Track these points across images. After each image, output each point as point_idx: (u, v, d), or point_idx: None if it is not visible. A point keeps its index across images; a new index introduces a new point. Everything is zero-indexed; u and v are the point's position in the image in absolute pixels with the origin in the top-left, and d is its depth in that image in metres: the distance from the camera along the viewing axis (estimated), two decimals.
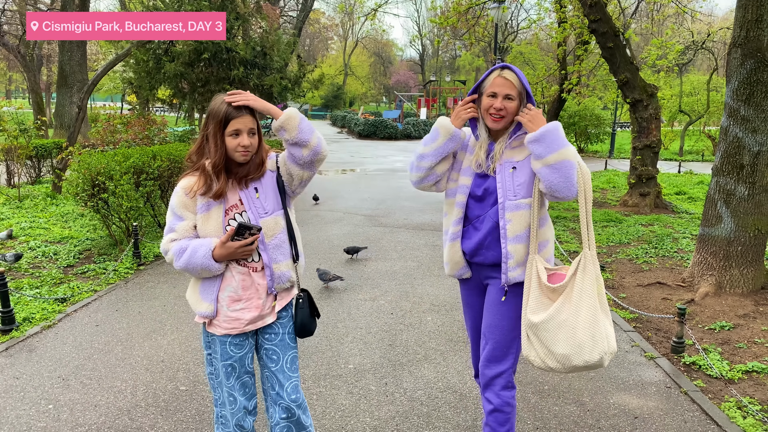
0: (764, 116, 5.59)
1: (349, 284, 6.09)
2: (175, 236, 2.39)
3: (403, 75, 72.99)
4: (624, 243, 8.24)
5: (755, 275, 5.75)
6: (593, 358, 2.34)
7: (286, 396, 2.47)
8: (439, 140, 2.62)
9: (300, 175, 2.43)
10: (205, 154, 2.38)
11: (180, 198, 2.39)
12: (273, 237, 2.43)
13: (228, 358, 2.44)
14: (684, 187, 14.97)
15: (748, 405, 3.71)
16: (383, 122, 31.25)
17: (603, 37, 10.89)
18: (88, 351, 4.37)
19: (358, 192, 12.68)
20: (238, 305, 2.39)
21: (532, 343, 2.47)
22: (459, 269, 2.76)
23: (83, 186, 6.98)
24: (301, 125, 2.34)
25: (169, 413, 3.49)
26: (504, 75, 2.53)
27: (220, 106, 2.31)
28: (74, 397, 3.66)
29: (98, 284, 5.97)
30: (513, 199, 2.53)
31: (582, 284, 2.39)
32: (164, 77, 13.20)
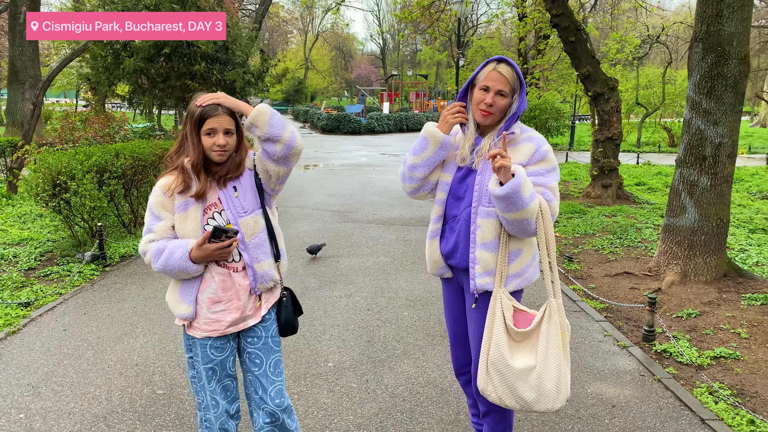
0: (725, 109, 5.75)
1: (323, 281, 6.05)
2: (153, 237, 2.33)
3: (364, 69, 72.84)
4: (589, 234, 8.40)
5: (718, 263, 5.92)
6: (555, 407, 2.39)
7: (270, 401, 2.44)
8: (429, 149, 2.54)
9: (276, 171, 2.39)
10: (184, 153, 2.32)
11: (158, 197, 2.33)
12: (253, 236, 2.38)
13: (209, 361, 2.39)
14: (643, 178, 15.33)
15: (719, 390, 3.82)
16: (347, 117, 31.13)
17: (565, 32, 11.05)
18: (57, 357, 4.24)
19: (324, 188, 12.60)
20: (218, 307, 2.35)
21: (492, 379, 2.42)
22: (439, 269, 2.71)
23: (43, 186, 6.75)
24: (272, 120, 2.30)
25: (148, 418, 3.41)
26: (499, 69, 2.43)
27: (195, 106, 2.28)
28: (46, 405, 3.55)
29: (63, 287, 5.80)
30: (486, 206, 2.46)
31: (547, 334, 2.40)
32: (123, 73, 12.83)
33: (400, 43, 68.71)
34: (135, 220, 8.31)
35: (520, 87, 2.47)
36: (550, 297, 2.44)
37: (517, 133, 2.52)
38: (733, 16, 5.65)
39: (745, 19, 5.72)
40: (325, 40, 70.69)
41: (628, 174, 15.73)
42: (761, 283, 5.84)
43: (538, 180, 2.45)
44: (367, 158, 19.34)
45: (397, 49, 72.64)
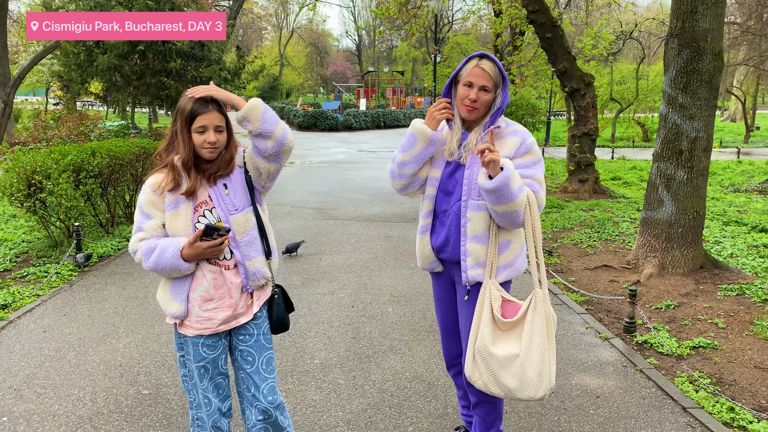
0: (700, 104, 5.86)
1: (306, 279, 6.04)
2: (144, 235, 2.30)
3: (340, 65, 72.64)
4: (567, 228, 8.50)
5: (694, 255, 6.04)
6: (537, 395, 2.43)
7: (263, 398, 2.43)
8: (418, 146, 2.57)
9: (267, 168, 2.38)
10: (174, 151, 2.30)
11: (148, 196, 2.31)
12: (244, 234, 2.37)
13: (201, 359, 2.38)
14: (618, 172, 15.58)
15: (699, 379, 3.90)
16: (323, 113, 31.03)
17: (541, 28, 11.15)
18: (38, 359, 4.17)
19: (303, 185, 12.55)
20: (210, 305, 2.33)
21: (478, 366, 2.48)
22: (430, 263, 2.74)
23: (18, 186, 6.61)
24: (265, 116, 2.28)
25: (134, 419, 3.38)
26: (482, 65, 2.47)
27: (186, 102, 2.25)
28: (29, 408, 3.49)
29: (40, 288, 5.70)
30: (476, 200, 2.50)
31: (532, 323, 2.44)
32: (97, 70, 12.65)
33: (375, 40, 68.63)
34: (112, 219, 8.19)
35: (503, 81, 2.51)
36: (536, 287, 2.48)
37: (503, 126, 2.58)
38: (708, 13, 5.76)
39: (719, 16, 5.84)
40: (300, 37, 70.33)
41: (604, 169, 15.96)
42: (736, 274, 5.97)
43: (525, 172, 2.50)
44: (346, 155, 19.31)
45: (372, 46, 72.55)
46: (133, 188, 8.67)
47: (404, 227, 8.50)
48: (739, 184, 13.74)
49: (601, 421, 3.39)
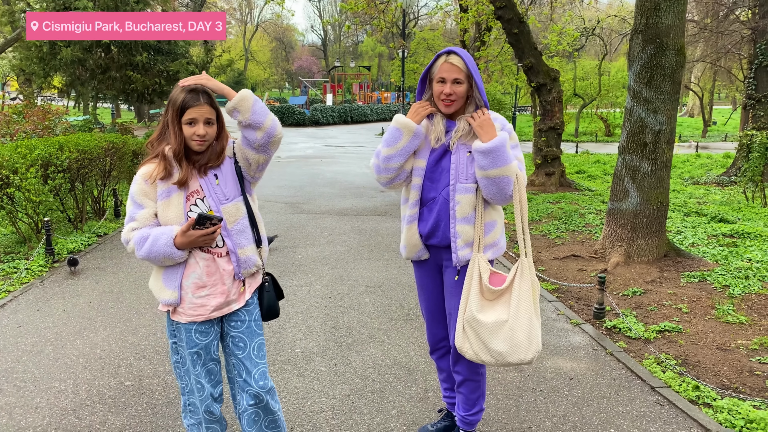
0: (664, 98, 6.07)
1: (282, 271, 6.08)
2: (136, 225, 2.33)
3: (305, 60, 72.22)
4: (536, 220, 8.70)
5: (659, 244, 6.27)
6: (527, 357, 2.55)
7: (254, 383, 2.48)
8: (404, 140, 2.64)
9: (256, 159, 2.42)
10: (165, 141, 2.33)
11: (140, 186, 2.34)
12: (235, 222, 2.42)
13: (194, 345, 2.42)
14: (583, 166, 15.93)
15: (665, 360, 4.09)
16: (290, 108, 30.90)
17: (509, 24, 11.33)
18: (14, 353, 4.13)
19: (273, 180, 12.52)
20: (203, 291, 2.37)
21: (468, 336, 2.59)
22: (417, 252, 2.81)
23: None
24: (255, 107, 2.32)
25: (119, 409, 3.39)
26: (450, 60, 2.58)
27: (178, 94, 2.28)
28: (10, 401, 3.47)
29: (11, 284, 5.61)
30: (464, 183, 2.61)
31: (520, 289, 2.57)
32: (60, 63, 12.38)
33: (341, 35, 68.45)
34: (81, 215, 8.08)
35: (473, 72, 2.61)
36: (522, 256, 2.63)
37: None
38: (670, 9, 5.96)
39: (681, 13, 6.05)
40: (264, 31, 69.67)
41: (569, 162, 16.29)
42: (698, 261, 6.21)
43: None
44: (314, 150, 19.29)
45: (338, 41, 72.34)
46: (102, 183, 8.56)
47: (376, 220, 8.59)
48: (699, 176, 14.20)
49: (575, 401, 3.53)
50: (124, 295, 5.38)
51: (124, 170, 9.43)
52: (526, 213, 2.63)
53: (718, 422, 3.30)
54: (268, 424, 2.55)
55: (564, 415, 3.38)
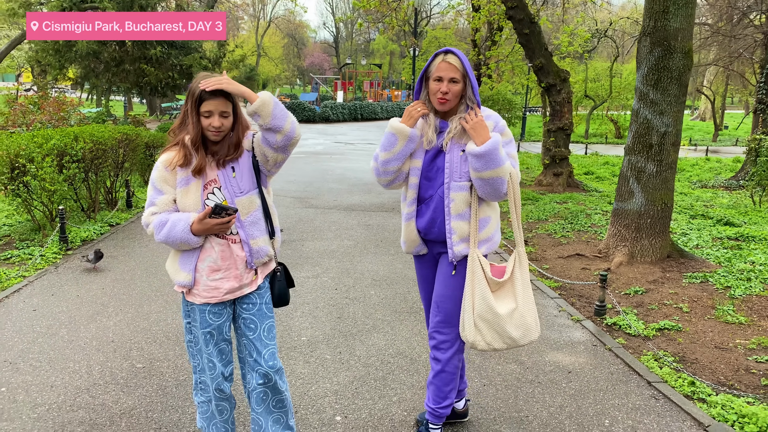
0: (670, 100, 6.14)
1: (290, 263, 6.19)
2: (156, 210, 2.45)
3: (317, 57, 72.37)
4: (542, 219, 8.77)
5: (662, 245, 6.34)
6: (534, 337, 2.80)
7: (264, 362, 2.60)
8: (399, 144, 2.74)
9: (274, 157, 2.51)
10: (185, 130, 2.44)
11: (160, 172, 2.45)
12: (248, 214, 2.52)
13: (207, 325, 2.53)
14: (592, 167, 15.95)
15: (663, 357, 4.17)
16: (301, 105, 31.01)
17: (519, 24, 11.39)
18: (30, 335, 4.27)
19: (282, 175, 12.62)
20: (217, 275, 2.49)
21: (480, 330, 2.72)
22: (416, 247, 2.92)
23: (1, 169, 6.64)
24: (275, 111, 2.38)
25: (130, 389, 3.52)
26: (448, 60, 2.67)
27: (196, 86, 2.38)
28: (27, 379, 3.61)
29: (26, 270, 5.76)
30: (458, 181, 2.71)
31: (521, 277, 2.77)
32: (75, 56, 12.56)
33: (353, 32, 68.56)
34: (94, 205, 8.23)
35: (468, 73, 2.70)
36: (518, 246, 2.79)
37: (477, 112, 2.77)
38: (679, 13, 6.03)
39: (689, 16, 6.11)
40: (277, 27, 69.83)
41: (578, 163, 16.32)
42: (701, 263, 6.28)
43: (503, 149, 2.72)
44: (324, 146, 19.41)
45: (350, 38, 72.44)
46: (114, 174, 8.71)
47: (383, 216, 8.69)
48: (707, 180, 14.20)
49: (572, 393, 3.63)
50: (136, 282, 5.52)
51: (136, 162, 9.58)
52: (519, 208, 2.77)
53: (711, 416, 3.39)
54: (276, 404, 2.66)
55: (561, 406, 3.47)
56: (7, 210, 8.06)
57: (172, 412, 3.29)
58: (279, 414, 2.69)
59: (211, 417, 2.67)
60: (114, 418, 3.22)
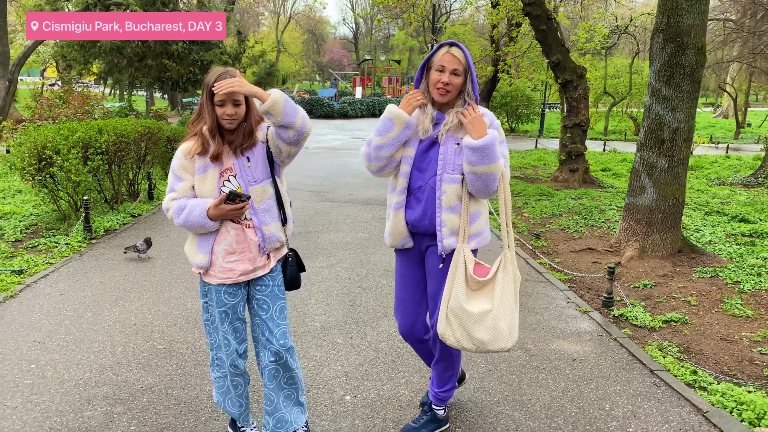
0: (682, 96, 6.19)
1: (305, 254, 6.35)
2: (176, 195, 2.61)
3: (336, 53, 72.59)
4: (556, 214, 8.85)
5: (673, 240, 6.39)
6: (507, 346, 2.68)
7: (275, 341, 2.76)
8: (395, 130, 2.76)
9: (287, 150, 2.66)
10: (202, 121, 2.61)
11: (180, 161, 2.62)
12: (262, 202, 2.68)
13: (222, 305, 2.70)
14: (609, 164, 15.92)
15: (668, 347, 4.26)
16: (320, 100, 31.25)
17: (537, 20, 11.45)
18: (57, 317, 4.48)
19: (299, 169, 12.84)
20: (232, 257, 2.65)
21: (451, 324, 2.70)
22: (402, 239, 2.87)
23: (29, 160, 6.89)
24: (286, 109, 2.53)
25: (152, 368, 3.71)
26: (452, 52, 2.69)
27: (210, 78, 2.54)
28: (54, 358, 3.81)
29: (52, 257, 5.99)
30: (451, 173, 2.72)
31: (503, 282, 2.69)
32: (99, 51, 12.85)
33: (373, 28, 68.67)
34: (117, 196, 8.47)
35: (470, 68, 2.74)
36: (506, 249, 2.76)
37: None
38: (692, 9, 6.07)
39: (703, 12, 6.15)
40: (297, 23, 70.18)
41: (595, 160, 16.30)
42: (712, 258, 6.33)
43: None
44: (341, 142, 19.59)
45: (369, 34, 72.57)
46: (137, 167, 8.94)
47: None
48: (725, 177, 14.12)
49: (575, 379, 3.74)
50: (157, 270, 5.72)
51: (158, 155, 9.81)
52: (509, 208, 2.76)
53: (710, 403, 3.48)
54: (287, 380, 2.82)
55: (563, 391, 3.59)
56: (33, 200, 8.33)
57: (190, 390, 3.46)
58: (290, 390, 2.84)
59: (226, 392, 2.83)
60: (136, 393, 3.41)
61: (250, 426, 2.95)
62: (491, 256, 6.21)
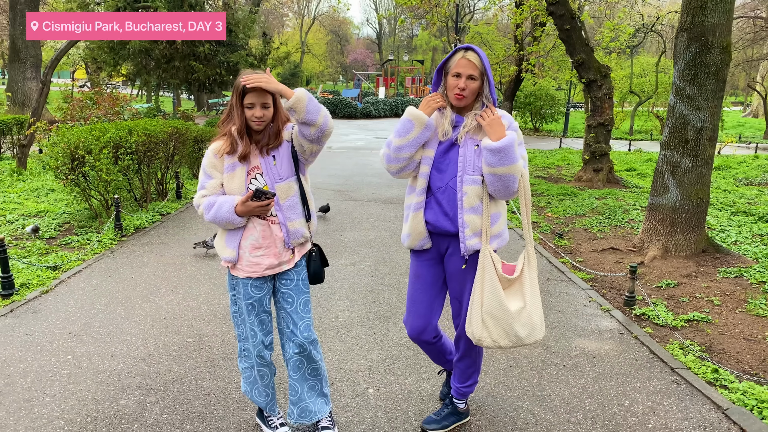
0: (707, 95, 6.16)
1: (328, 252, 6.46)
2: (205, 192, 2.74)
3: (360, 53, 72.85)
4: (579, 214, 8.84)
5: (697, 240, 6.37)
6: (540, 337, 2.82)
7: (300, 333, 2.86)
8: (415, 131, 2.80)
9: (310, 147, 2.77)
10: (231, 121, 2.72)
11: (210, 159, 2.74)
12: (287, 199, 2.78)
13: (249, 297, 2.81)
14: (634, 164, 15.80)
15: (689, 346, 4.27)
16: (343, 101, 31.41)
17: (560, 20, 11.42)
18: (90, 311, 4.65)
19: (324, 169, 12.98)
20: (258, 252, 2.76)
21: (487, 326, 2.76)
22: (421, 240, 2.89)
23: (63, 160, 7.10)
24: (309, 107, 2.63)
25: (182, 360, 3.84)
26: (467, 57, 2.71)
27: (240, 81, 2.65)
28: (89, 349, 3.97)
29: (85, 254, 6.19)
30: (471, 174, 2.77)
31: (530, 276, 2.79)
32: (128, 53, 13.14)
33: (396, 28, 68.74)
34: (146, 195, 8.68)
35: (486, 70, 2.77)
36: (528, 246, 2.85)
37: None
38: (717, 8, 6.05)
39: (728, 11, 6.12)
40: (321, 24, 70.62)
41: (620, 160, 16.19)
42: (737, 258, 6.29)
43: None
44: (364, 142, 19.70)
45: (393, 34, 72.67)
46: (165, 167, 9.15)
47: None
48: (753, 177, 13.93)
49: (595, 376, 3.78)
50: (186, 266, 5.88)
51: (185, 155, 10.02)
52: (530, 207, 2.82)
53: (731, 401, 3.50)
54: (311, 372, 2.92)
55: (583, 387, 3.63)
56: (66, 199, 8.58)
57: (219, 381, 3.59)
58: (314, 381, 2.94)
59: (253, 382, 2.94)
60: (167, 384, 3.54)
61: (277, 415, 3.06)
62: (510, 254, 6.26)
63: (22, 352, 3.92)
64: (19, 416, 3.18)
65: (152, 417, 3.19)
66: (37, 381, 3.55)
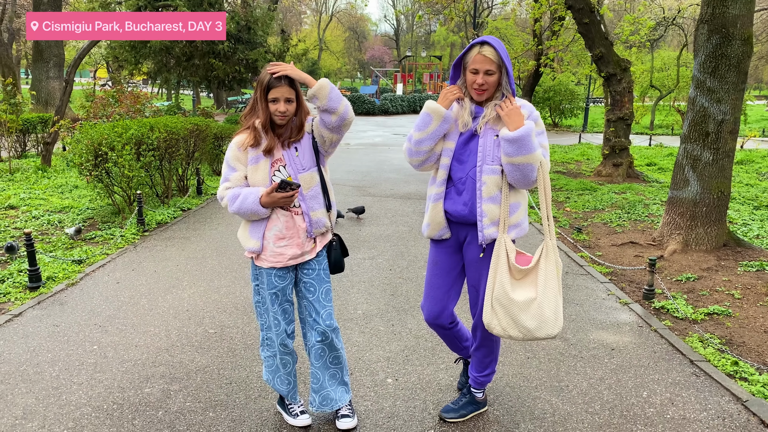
0: (728, 87, 6.10)
1: (348, 246, 6.51)
2: (230, 185, 2.80)
3: (377, 50, 72.82)
4: (599, 209, 8.80)
5: (718, 233, 6.31)
6: (553, 332, 2.76)
7: (321, 321, 2.92)
8: (434, 124, 2.84)
9: (330, 137, 2.83)
10: (255, 115, 2.78)
11: (234, 152, 2.80)
12: (310, 189, 2.84)
13: (273, 287, 2.87)
14: (654, 158, 15.64)
15: (709, 339, 4.26)
16: (361, 98, 31.47)
17: (579, 13, 11.35)
18: (115, 304, 4.76)
19: (342, 165, 13.05)
20: (282, 242, 2.82)
21: (497, 313, 2.78)
22: (440, 229, 2.94)
23: (87, 156, 7.24)
24: (331, 94, 2.71)
25: (204, 350, 3.92)
26: (483, 52, 2.71)
27: (264, 76, 2.71)
28: (114, 340, 4.07)
29: (108, 248, 6.31)
30: (490, 164, 2.79)
31: (546, 269, 2.76)
32: (149, 51, 13.31)
33: (414, 25, 68.63)
34: (167, 191, 8.80)
35: (504, 62, 2.78)
36: (547, 238, 2.83)
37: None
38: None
39: (749, 2, 6.05)
40: (338, 21, 70.72)
41: (640, 155, 16.04)
42: (759, 252, 6.23)
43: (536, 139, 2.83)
44: (382, 138, 19.74)
45: (410, 31, 72.54)
46: (186, 163, 9.27)
47: None
48: None
49: (613, 368, 3.79)
50: (207, 260, 5.97)
51: (206, 152, 10.14)
52: (549, 198, 2.81)
53: (750, 393, 3.49)
54: (332, 360, 2.98)
55: (601, 378, 3.65)
56: (89, 195, 8.74)
57: (240, 370, 3.66)
58: (335, 370, 3.00)
59: (275, 370, 3.01)
60: (190, 373, 3.62)
61: (298, 404, 3.12)
62: (531, 248, 6.26)
63: (50, 342, 4.03)
64: (48, 403, 3.28)
65: (176, 405, 3.27)
66: (64, 370, 3.65)
